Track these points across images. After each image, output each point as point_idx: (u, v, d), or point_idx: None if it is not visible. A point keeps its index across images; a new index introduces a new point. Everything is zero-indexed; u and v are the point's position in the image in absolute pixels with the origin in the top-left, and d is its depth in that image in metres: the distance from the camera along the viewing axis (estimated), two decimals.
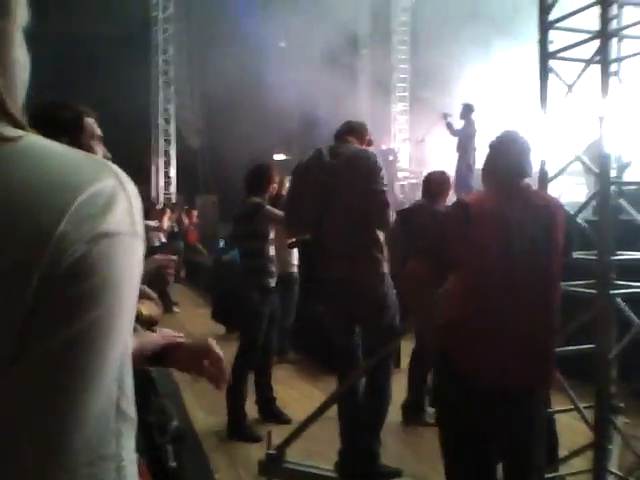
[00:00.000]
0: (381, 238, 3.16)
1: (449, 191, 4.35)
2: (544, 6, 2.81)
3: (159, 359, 1.34)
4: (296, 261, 5.44)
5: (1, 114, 0.54)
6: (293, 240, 4.41)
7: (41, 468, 0.49)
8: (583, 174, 7.31)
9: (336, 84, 12.54)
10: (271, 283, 4.16)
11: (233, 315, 4.05)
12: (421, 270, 2.20)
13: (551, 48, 2.82)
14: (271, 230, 4.16)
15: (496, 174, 2.30)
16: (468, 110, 9.34)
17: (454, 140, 9.57)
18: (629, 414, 3.08)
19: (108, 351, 0.52)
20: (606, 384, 2.53)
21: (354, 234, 3.10)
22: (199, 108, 18.28)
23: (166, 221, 10.39)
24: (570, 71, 2.77)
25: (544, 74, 2.79)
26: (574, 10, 2.73)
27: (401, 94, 17.37)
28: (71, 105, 1.66)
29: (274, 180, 4.30)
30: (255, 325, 4.06)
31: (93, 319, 0.50)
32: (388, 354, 3.19)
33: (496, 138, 2.38)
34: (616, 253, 2.59)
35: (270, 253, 4.16)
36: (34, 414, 0.49)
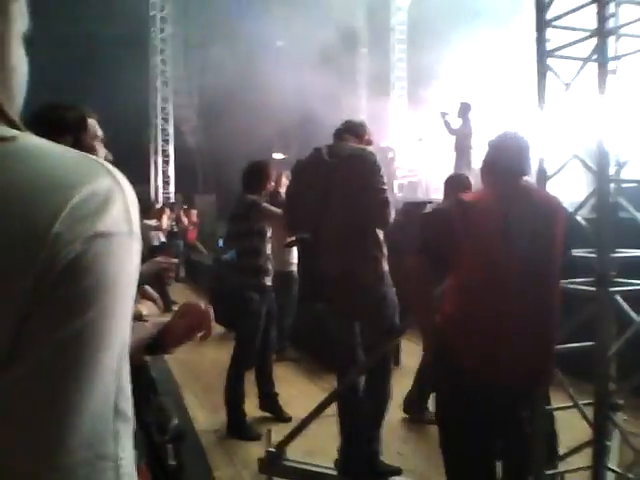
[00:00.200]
0: (381, 236, 3.16)
1: None
2: (541, 4, 2.80)
3: (155, 346, 1.34)
4: (295, 259, 5.45)
5: None
6: (292, 239, 4.40)
7: (38, 468, 0.49)
8: (581, 172, 7.32)
9: (334, 83, 12.54)
10: (268, 281, 4.11)
11: (231, 315, 4.02)
12: (420, 268, 2.20)
13: (549, 46, 2.82)
14: (268, 228, 4.10)
15: (495, 173, 2.31)
16: (465, 109, 9.32)
17: (452, 139, 9.58)
18: (628, 411, 3.09)
19: (104, 352, 0.51)
20: (605, 381, 2.53)
21: (353, 232, 3.10)
22: (197, 107, 18.29)
23: (165, 220, 10.39)
24: (569, 69, 2.77)
25: (542, 72, 2.79)
26: (571, 8, 2.73)
27: (399, 92, 17.40)
28: (75, 106, 1.68)
29: (271, 178, 4.24)
30: (252, 324, 4.04)
31: (89, 320, 0.49)
32: (388, 352, 3.20)
33: (495, 137, 2.38)
34: (615, 251, 2.60)
35: (267, 251, 4.11)
36: (30, 415, 0.48)
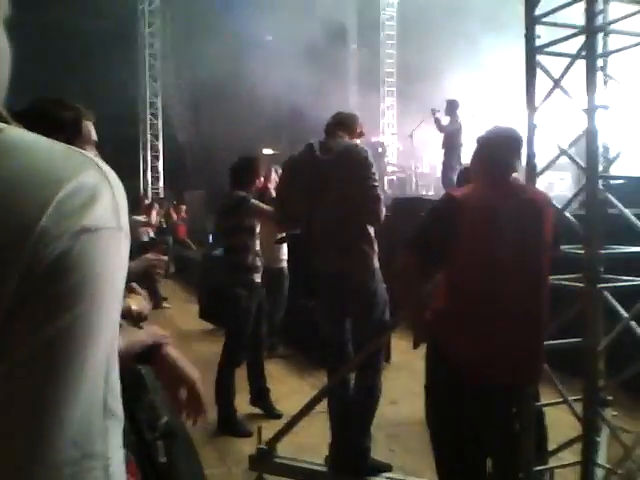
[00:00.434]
0: (372, 233, 3.16)
1: None
2: (530, 0, 2.81)
3: (145, 357, 1.33)
4: (285, 256, 5.44)
5: None
6: (282, 235, 4.39)
7: (25, 467, 0.48)
8: (568, 168, 7.36)
9: (324, 78, 12.53)
10: (257, 278, 4.08)
11: (220, 312, 3.99)
12: (411, 264, 2.21)
13: (538, 43, 2.82)
14: (256, 224, 4.06)
15: (484, 168, 2.31)
16: (453, 106, 9.35)
17: (441, 135, 9.59)
18: (617, 407, 3.11)
19: (92, 348, 0.51)
20: (594, 377, 2.54)
21: (345, 229, 3.10)
22: (187, 102, 18.18)
23: (154, 216, 10.35)
24: (559, 65, 2.77)
25: (531, 69, 2.79)
26: (560, 5, 2.73)
27: (389, 88, 17.41)
28: (72, 105, 1.61)
29: (260, 173, 4.21)
30: (242, 322, 4.02)
31: (76, 316, 0.49)
32: (378, 348, 3.20)
33: (485, 133, 2.39)
34: (604, 247, 2.61)
35: (256, 248, 4.07)
36: (17, 413, 0.47)
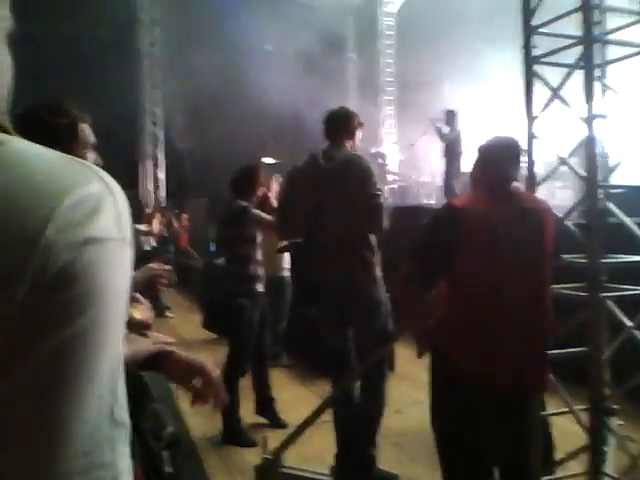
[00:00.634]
0: (374, 242, 3.18)
1: None
2: (527, 11, 2.84)
3: (150, 364, 1.34)
4: (287, 264, 5.44)
5: None
6: (284, 245, 4.39)
7: (34, 477, 0.48)
8: (569, 177, 7.38)
9: (323, 87, 12.55)
10: (259, 288, 4.07)
11: (223, 323, 3.98)
12: (412, 273, 2.22)
13: (536, 53, 2.85)
14: (258, 234, 4.06)
15: (485, 178, 2.32)
16: (452, 116, 9.51)
17: (441, 144, 9.70)
18: (623, 416, 3.10)
19: (98, 359, 0.51)
20: (599, 386, 2.54)
21: (347, 238, 3.11)
22: (187, 111, 18.19)
23: (156, 225, 10.35)
24: (558, 74, 2.80)
25: (529, 79, 2.82)
26: (557, 15, 2.76)
27: (388, 97, 17.44)
28: (66, 110, 1.58)
29: (261, 183, 4.20)
30: (245, 332, 4.01)
31: (81, 328, 0.49)
32: (382, 357, 3.21)
33: (485, 142, 2.40)
34: (605, 256, 2.62)
35: (257, 257, 4.06)
36: (25, 425, 0.48)
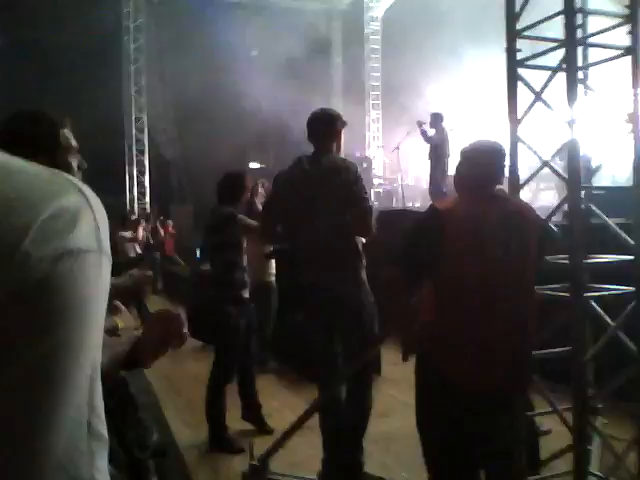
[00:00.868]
0: (360, 246, 3.17)
1: None
2: (511, 15, 2.86)
3: (132, 361, 1.32)
4: (274, 269, 5.44)
5: None
6: (270, 250, 4.38)
7: None
8: (552, 178, 7.46)
9: (309, 92, 12.58)
10: (245, 294, 4.04)
11: (209, 330, 3.95)
12: (396, 278, 2.21)
13: (520, 56, 2.87)
14: (243, 240, 4.03)
15: (468, 181, 2.33)
16: (437, 119, 9.57)
17: (427, 147, 9.74)
18: (607, 415, 3.12)
19: (75, 370, 0.50)
20: (583, 386, 2.55)
21: (333, 243, 3.10)
22: (172, 117, 18.15)
23: (141, 232, 10.29)
24: (540, 77, 2.82)
25: (512, 81, 2.84)
26: (540, 19, 2.78)
27: (374, 102, 17.52)
28: (45, 117, 1.56)
29: (247, 189, 4.19)
30: (231, 339, 3.98)
31: (58, 339, 0.48)
32: (368, 362, 3.20)
33: (468, 145, 2.41)
34: (587, 256, 2.64)
35: (243, 263, 4.03)
36: (1, 437, 0.47)
